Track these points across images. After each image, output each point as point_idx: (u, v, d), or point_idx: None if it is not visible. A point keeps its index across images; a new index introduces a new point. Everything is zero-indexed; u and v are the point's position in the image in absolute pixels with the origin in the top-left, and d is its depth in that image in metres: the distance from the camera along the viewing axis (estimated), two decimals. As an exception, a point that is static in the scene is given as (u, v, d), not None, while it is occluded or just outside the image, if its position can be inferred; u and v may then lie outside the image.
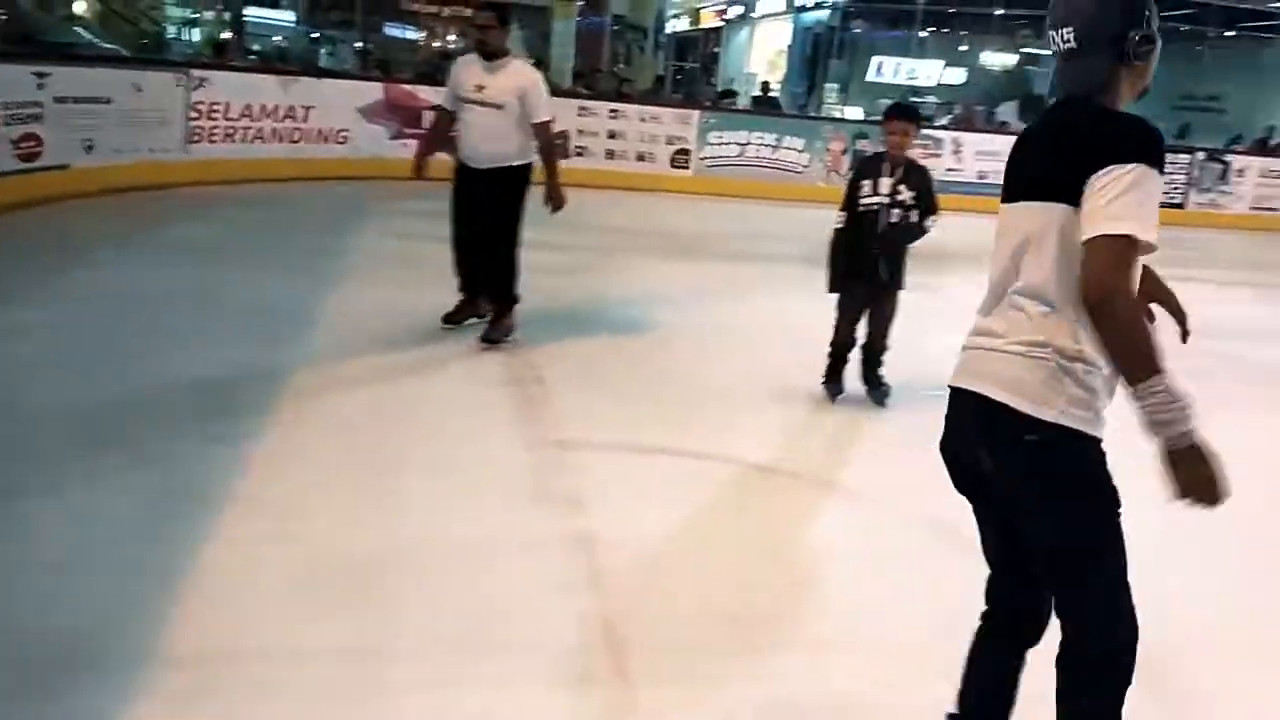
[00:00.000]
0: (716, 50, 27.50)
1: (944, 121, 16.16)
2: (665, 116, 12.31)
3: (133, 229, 7.37)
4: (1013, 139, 1.87)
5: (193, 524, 3.09)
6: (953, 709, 2.17)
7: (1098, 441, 1.82)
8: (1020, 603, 2.01)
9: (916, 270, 4.82)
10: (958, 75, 20.69)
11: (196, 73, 9.64)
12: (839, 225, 4.63)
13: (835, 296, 4.71)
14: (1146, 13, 1.79)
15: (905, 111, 4.73)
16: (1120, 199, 1.66)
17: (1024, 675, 2.10)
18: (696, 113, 12.65)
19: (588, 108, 12.05)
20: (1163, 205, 1.77)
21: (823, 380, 4.83)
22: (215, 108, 9.56)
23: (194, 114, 9.36)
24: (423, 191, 5.79)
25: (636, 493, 3.68)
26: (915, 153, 4.74)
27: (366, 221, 8.49)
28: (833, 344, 4.77)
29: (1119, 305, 1.66)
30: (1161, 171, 1.71)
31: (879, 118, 4.98)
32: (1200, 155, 13.75)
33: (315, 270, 6.54)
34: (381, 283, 6.39)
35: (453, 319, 5.40)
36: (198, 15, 22.92)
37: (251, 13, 22.10)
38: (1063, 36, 1.83)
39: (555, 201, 5.17)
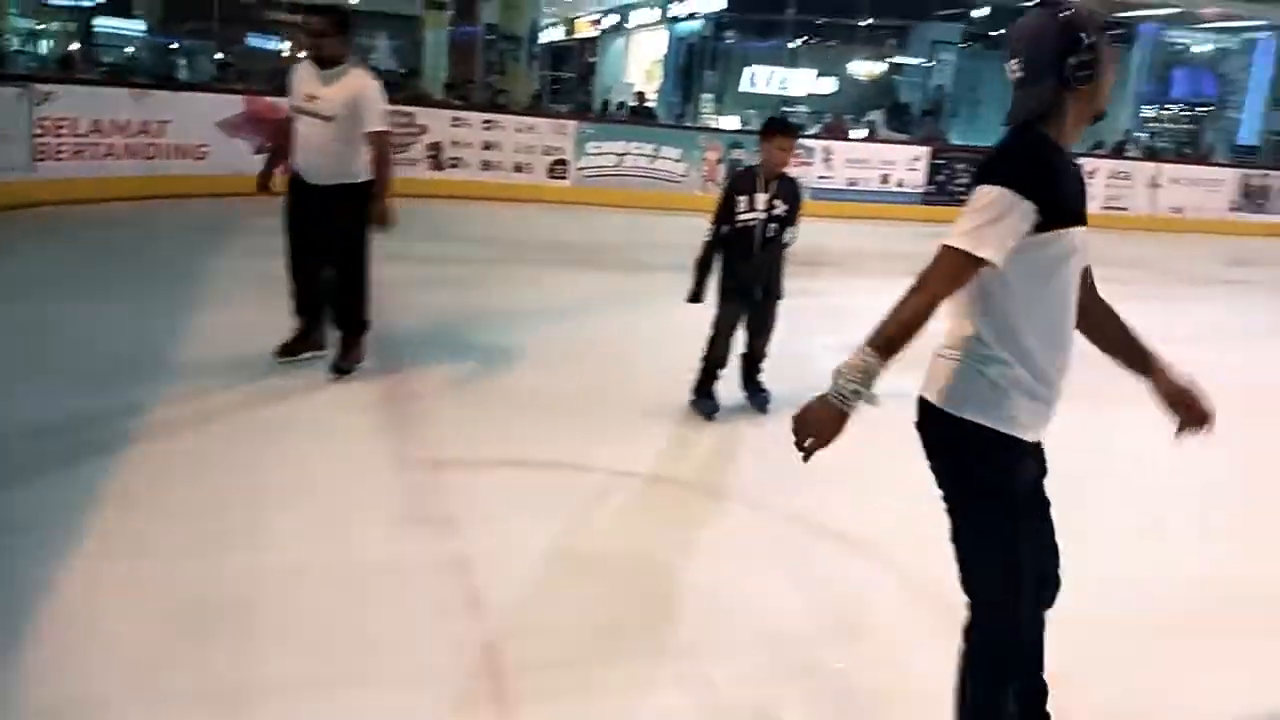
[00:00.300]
0: (593, 60, 27.59)
1: (815, 130, 16.57)
2: (542, 127, 12.24)
3: (-29, 254, 6.88)
4: (880, 146, 1.93)
5: (41, 569, 2.88)
6: None
7: (1009, 439, 1.95)
8: None
9: (792, 275, 4.87)
10: (828, 85, 21.23)
11: (41, 87, 9.06)
12: (709, 238, 4.61)
13: (713, 311, 4.66)
14: (1085, 40, 1.89)
15: (788, 127, 4.72)
16: (967, 217, 1.84)
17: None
18: (573, 123, 12.62)
19: (462, 118, 11.89)
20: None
21: (692, 397, 4.75)
22: (62, 123, 9.00)
23: (39, 130, 8.80)
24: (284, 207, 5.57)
25: (514, 509, 3.60)
26: (790, 161, 4.76)
27: (229, 241, 8.11)
28: (707, 359, 4.71)
29: (916, 294, 1.82)
30: (1027, 194, 1.82)
31: (754, 128, 5.00)
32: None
33: (174, 295, 6.22)
34: (245, 305, 6.11)
35: (290, 351, 4.93)
36: (44, 27, 21.72)
37: (101, 23, 21.03)
38: (1012, 68, 1.96)
39: (380, 220, 4.68)
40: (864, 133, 16.82)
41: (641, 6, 23.39)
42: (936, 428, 1.99)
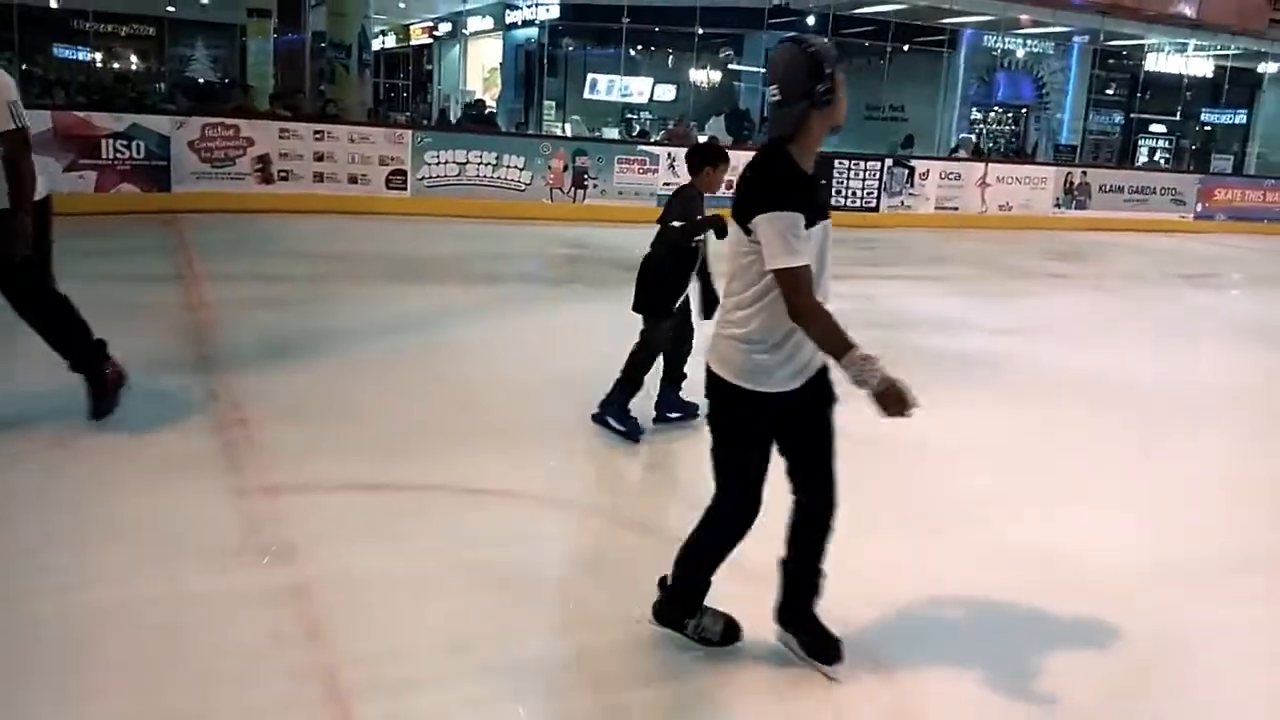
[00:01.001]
0: (429, 68, 27.05)
1: (658, 137, 16.73)
2: (376, 136, 11.81)
3: None
4: None
5: None
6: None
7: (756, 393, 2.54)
8: (798, 494, 2.69)
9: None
10: (668, 92, 21.50)
11: None
12: (664, 253, 4.44)
13: (648, 329, 4.52)
14: (827, 70, 2.40)
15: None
16: (776, 242, 2.37)
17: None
18: (409, 132, 12.26)
19: (290, 130, 11.35)
20: (858, 209, 1.95)
21: (614, 421, 4.54)
22: None
23: None
24: (102, 229, 5.13)
25: (353, 532, 3.45)
26: (635, 168, 4.68)
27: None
28: (638, 379, 4.52)
29: (807, 318, 2.38)
30: (788, 207, 2.37)
31: (600, 136, 4.85)
32: (889, 161, 15.01)
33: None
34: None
35: None
36: None
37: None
38: (771, 92, 2.46)
39: (4, 246, 3.84)
40: (703, 138, 17.07)
41: (476, 14, 23.09)
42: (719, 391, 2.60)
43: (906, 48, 21.53)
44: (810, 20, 20.12)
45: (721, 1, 19.59)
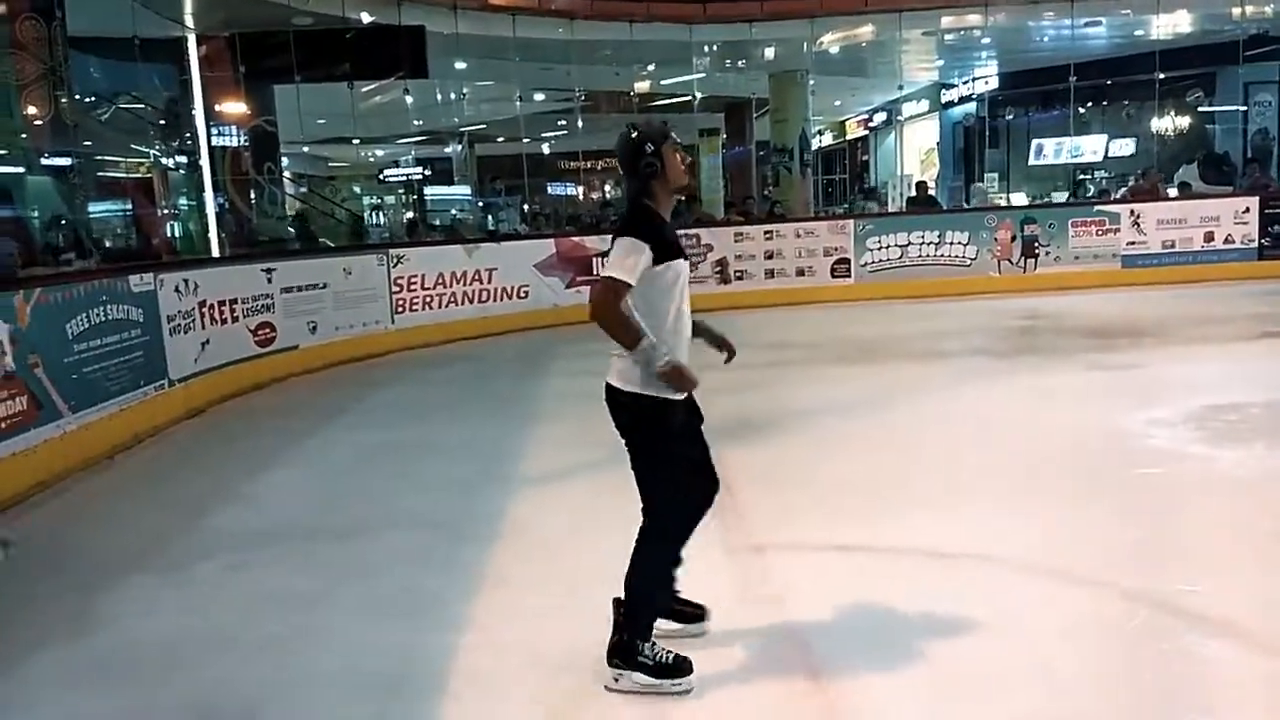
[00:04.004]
0: (866, 159, 27.85)
1: (1119, 194, 15.67)
2: (820, 230, 12.58)
3: (357, 394, 8.24)
4: (1199, 203, 2.10)
5: (443, 635, 3.44)
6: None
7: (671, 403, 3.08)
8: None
9: (1105, 349, 4.69)
10: (1125, 146, 20.07)
11: (395, 251, 10.71)
12: None
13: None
14: (649, 149, 3.01)
15: None
16: (611, 258, 2.94)
17: None
18: (852, 222, 12.85)
19: (743, 233, 12.51)
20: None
21: None
22: (414, 280, 10.57)
23: (396, 288, 10.39)
24: (595, 334, 6.18)
25: (834, 589, 3.72)
26: (1092, 231, 4.61)
27: (551, 365, 9.07)
28: None
29: (603, 317, 2.91)
30: (641, 237, 2.91)
31: (1048, 201, 4.74)
32: None
33: (513, 413, 7.13)
34: (570, 417, 6.81)
35: None
36: (380, 201, 25.52)
37: (431, 191, 24.33)
38: (620, 166, 3.11)
39: None
40: (1173, 191, 15.70)
41: (910, 99, 23.47)
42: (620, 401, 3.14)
43: None
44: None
45: (1184, 41, 18.00)
